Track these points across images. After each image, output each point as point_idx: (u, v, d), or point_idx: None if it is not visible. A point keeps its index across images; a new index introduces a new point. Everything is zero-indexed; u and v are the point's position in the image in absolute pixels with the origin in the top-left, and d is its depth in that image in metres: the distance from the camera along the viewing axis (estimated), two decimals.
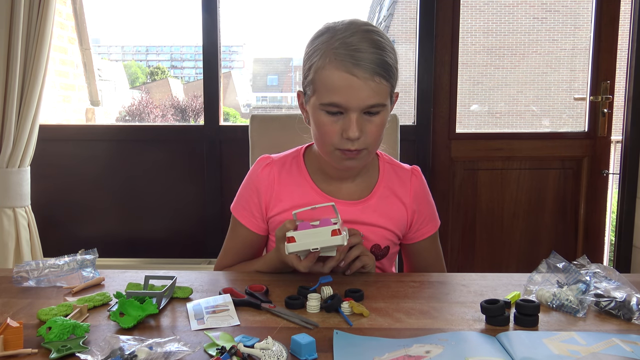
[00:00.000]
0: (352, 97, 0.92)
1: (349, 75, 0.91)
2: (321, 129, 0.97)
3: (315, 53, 0.95)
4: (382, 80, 0.92)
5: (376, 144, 0.99)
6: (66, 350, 0.68)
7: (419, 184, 1.13)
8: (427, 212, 1.14)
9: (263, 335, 0.71)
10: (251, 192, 1.10)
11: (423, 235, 1.14)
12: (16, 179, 2.08)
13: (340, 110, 0.94)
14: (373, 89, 0.92)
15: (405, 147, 1.36)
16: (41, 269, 0.96)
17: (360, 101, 0.92)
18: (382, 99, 0.94)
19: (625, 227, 2.36)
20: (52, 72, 3.90)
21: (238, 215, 1.11)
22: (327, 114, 0.95)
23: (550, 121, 5.81)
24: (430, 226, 1.15)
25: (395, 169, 1.13)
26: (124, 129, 2.41)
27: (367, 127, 0.95)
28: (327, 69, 0.92)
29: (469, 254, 2.39)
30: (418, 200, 1.12)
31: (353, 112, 0.93)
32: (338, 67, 0.91)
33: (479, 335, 0.74)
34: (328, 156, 1.00)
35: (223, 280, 1.00)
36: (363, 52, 0.91)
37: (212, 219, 2.29)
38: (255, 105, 26.87)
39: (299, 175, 1.08)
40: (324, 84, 0.93)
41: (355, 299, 0.86)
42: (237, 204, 1.13)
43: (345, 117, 0.94)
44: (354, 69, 0.90)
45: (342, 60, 0.91)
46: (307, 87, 0.99)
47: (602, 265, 0.93)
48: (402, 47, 10.24)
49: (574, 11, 6.35)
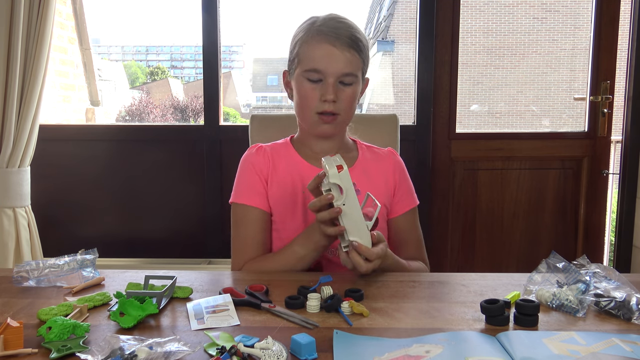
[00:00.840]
0: (330, 64, 1.07)
1: (330, 45, 1.07)
2: (303, 94, 1.11)
3: (301, 32, 1.12)
4: (355, 53, 1.09)
5: (349, 112, 1.13)
6: (66, 350, 0.68)
7: (398, 160, 1.24)
8: (407, 187, 1.23)
9: (263, 335, 0.71)
10: (250, 173, 1.15)
11: (403, 208, 1.20)
12: (16, 179, 2.08)
13: (320, 77, 1.09)
14: (349, 59, 1.08)
15: (405, 147, 1.37)
16: (41, 269, 0.96)
17: (338, 69, 1.07)
18: (355, 70, 1.09)
19: (625, 227, 2.36)
20: (52, 72, 3.90)
21: (243, 200, 1.13)
22: (309, 81, 1.10)
23: (550, 121, 5.81)
24: (410, 200, 1.22)
25: (373, 149, 1.24)
26: (124, 129, 2.42)
27: (341, 94, 1.09)
28: (311, 42, 1.09)
29: (469, 254, 2.39)
30: (398, 173, 1.22)
31: (330, 78, 1.08)
32: (320, 40, 1.08)
33: (479, 335, 0.74)
34: (308, 122, 1.13)
35: (223, 280, 1.01)
36: (341, 30, 1.09)
37: (212, 219, 2.29)
38: (255, 105, 26.88)
39: (289, 156, 1.17)
40: (307, 54, 1.09)
41: (355, 299, 0.86)
42: (238, 191, 1.15)
43: (323, 84, 1.09)
44: (334, 41, 1.07)
45: (324, 34, 1.08)
46: (292, 63, 1.14)
47: (602, 265, 0.93)
48: (402, 47, 10.25)
49: (574, 11, 6.35)
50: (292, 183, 1.14)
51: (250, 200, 1.12)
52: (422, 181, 2.30)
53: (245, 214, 1.13)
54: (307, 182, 1.04)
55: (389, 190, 1.19)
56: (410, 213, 1.21)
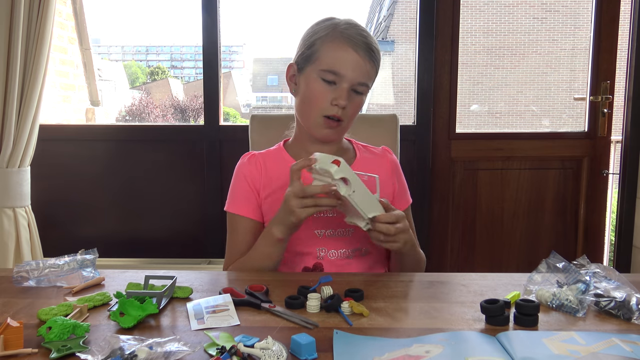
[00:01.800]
0: (351, 70, 1.06)
1: (354, 52, 1.06)
2: (313, 93, 1.10)
3: (322, 30, 1.10)
4: (374, 65, 1.10)
5: (352, 120, 1.13)
6: (66, 350, 0.68)
7: (393, 158, 1.25)
8: (403, 186, 1.24)
9: (263, 335, 0.71)
10: (240, 182, 1.16)
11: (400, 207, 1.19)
12: (16, 179, 2.08)
13: (335, 79, 1.07)
14: (367, 70, 1.08)
15: (405, 147, 1.37)
16: (41, 269, 0.96)
17: (356, 76, 1.07)
18: (369, 81, 1.10)
19: (625, 227, 2.36)
20: (52, 72, 3.90)
21: (234, 209, 1.15)
22: (323, 81, 1.08)
23: (550, 121, 5.82)
24: (406, 198, 1.24)
25: (369, 149, 1.25)
26: (124, 129, 2.41)
27: (350, 102, 1.09)
28: (335, 43, 1.07)
29: (469, 254, 2.39)
30: (395, 171, 1.23)
31: (345, 83, 1.07)
32: (345, 43, 1.07)
33: (479, 335, 0.74)
34: (311, 122, 1.12)
35: (223, 280, 1.01)
36: (365, 39, 1.08)
37: (212, 219, 2.29)
38: (255, 105, 26.89)
39: (283, 160, 1.17)
40: (329, 54, 1.07)
41: (355, 298, 0.86)
42: (230, 200, 1.17)
43: (337, 88, 1.07)
44: (358, 49, 1.06)
45: (351, 39, 1.07)
46: (306, 59, 1.11)
47: (602, 265, 0.93)
48: (402, 47, 10.25)
49: (574, 11, 6.35)
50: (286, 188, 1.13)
51: (240, 209, 1.14)
52: (422, 181, 2.30)
53: (235, 223, 1.15)
54: None
55: (387, 188, 1.19)
56: (405, 212, 1.20)
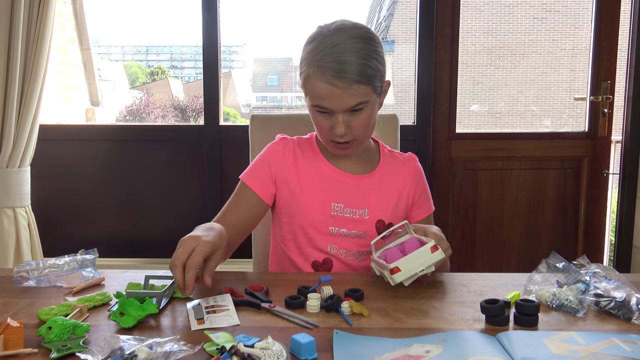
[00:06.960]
0: (334, 103, 1.03)
1: (330, 86, 1.01)
2: (315, 122, 1.11)
3: (304, 62, 1.06)
4: (361, 85, 1.01)
5: (365, 133, 1.10)
6: (66, 350, 0.68)
7: (418, 166, 1.25)
8: (425, 194, 1.24)
9: (263, 335, 0.71)
10: (264, 163, 1.17)
11: (421, 214, 1.22)
12: (16, 179, 2.08)
13: (327, 110, 1.05)
14: (353, 94, 1.02)
15: (405, 147, 1.37)
16: (41, 269, 0.96)
17: (342, 105, 1.03)
18: (363, 99, 1.03)
19: (625, 227, 2.36)
20: (52, 72, 3.90)
21: (246, 179, 1.16)
22: (318, 112, 1.07)
23: (551, 121, 5.81)
24: (428, 206, 1.24)
25: (394, 154, 1.24)
26: (124, 129, 2.41)
27: (353, 122, 1.06)
28: (312, 79, 1.03)
29: (469, 254, 2.39)
30: (417, 178, 1.22)
31: (338, 114, 1.04)
32: (320, 79, 1.02)
33: (479, 335, 0.74)
34: (326, 145, 1.14)
35: (223, 280, 1.00)
36: (344, 64, 1.00)
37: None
38: (255, 105, 26.86)
39: (312, 152, 1.19)
40: (311, 91, 1.05)
41: (355, 298, 0.86)
42: (248, 170, 1.19)
43: (333, 116, 1.06)
44: (334, 81, 1.00)
45: (323, 73, 1.01)
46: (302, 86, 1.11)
47: (602, 265, 0.93)
48: (402, 47, 10.25)
49: (574, 11, 6.35)
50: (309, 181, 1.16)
51: (251, 182, 1.15)
52: None
53: (242, 191, 1.16)
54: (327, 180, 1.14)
55: (407, 195, 1.20)
56: (427, 219, 1.22)
